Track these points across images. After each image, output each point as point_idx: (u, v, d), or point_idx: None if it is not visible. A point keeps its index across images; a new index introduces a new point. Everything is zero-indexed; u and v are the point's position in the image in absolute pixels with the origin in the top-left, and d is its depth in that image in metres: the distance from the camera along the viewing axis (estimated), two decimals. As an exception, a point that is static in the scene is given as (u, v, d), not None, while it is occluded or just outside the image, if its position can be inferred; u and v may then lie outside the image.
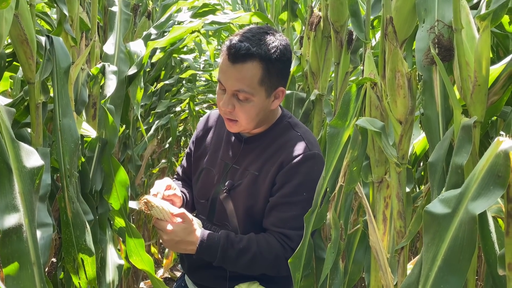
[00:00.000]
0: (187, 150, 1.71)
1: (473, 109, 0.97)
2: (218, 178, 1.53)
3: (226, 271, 1.48)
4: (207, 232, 1.42)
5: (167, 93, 3.96)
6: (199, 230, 1.41)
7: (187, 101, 4.46)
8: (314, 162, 1.42)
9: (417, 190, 2.54)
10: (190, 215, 1.42)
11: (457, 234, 0.80)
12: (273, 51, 1.36)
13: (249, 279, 1.48)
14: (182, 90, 4.49)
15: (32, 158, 1.02)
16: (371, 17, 1.75)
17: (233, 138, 1.55)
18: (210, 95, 5.29)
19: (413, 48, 1.69)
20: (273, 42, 1.37)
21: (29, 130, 1.71)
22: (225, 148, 1.55)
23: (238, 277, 1.47)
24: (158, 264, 3.87)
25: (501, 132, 0.79)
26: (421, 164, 2.65)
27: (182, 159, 1.77)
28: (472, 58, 0.97)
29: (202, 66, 5.51)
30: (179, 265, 1.77)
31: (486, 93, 0.97)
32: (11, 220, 0.94)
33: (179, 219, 1.39)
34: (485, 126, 1.30)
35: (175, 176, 1.78)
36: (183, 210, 1.41)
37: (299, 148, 1.43)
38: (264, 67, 1.35)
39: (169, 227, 1.37)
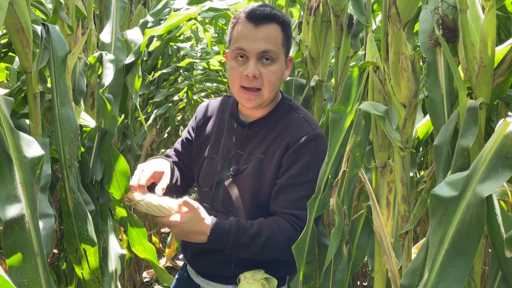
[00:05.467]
0: (184, 135, 1.67)
1: (478, 91, 0.96)
2: (221, 165, 1.51)
3: (231, 257, 1.46)
4: (216, 219, 1.38)
5: (164, 82, 3.93)
6: (208, 218, 1.37)
7: (184, 90, 4.44)
8: (318, 142, 1.44)
9: (417, 175, 2.54)
10: (195, 203, 1.37)
11: (464, 217, 0.79)
12: (286, 17, 1.44)
13: (253, 265, 1.47)
14: (179, 79, 4.46)
15: (32, 148, 1.01)
16: (371, 0, 1.73)
17: (235, 124, 1.54)
18: (208, 84, 5.26)
19: (414, 30, 1.67)
20: (281, 12, 1.45)
21: (27, 121, 1.69)
22: (228, 135, 1.54)
23: (242, 263, 1.46)
24: (159, 253, 3.88)
25: (509, 113, 0.78)
26: (421, 149, 2.64)
27: (177, 142, 1.71)
28: (477, 39, 0.96)
29: (199, 54, 5.46)
30: (181, 255, 1.73)
31: (492, 74, 0.95)
32: (13, 210, 0.92)
33: (184, 208, 1.36)
34: (490, 108, 1.29)
35: (166, 155, 1.69)
36: (185, 198, 1.37)
37: (303, 129, 1.45)
38: (283, 30, 1.42)
39: (174, 218, 1.34)
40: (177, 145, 1.69)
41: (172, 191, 1.49)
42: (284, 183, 1.41)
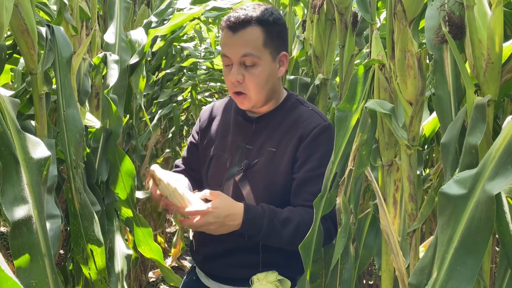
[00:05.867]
0: (189, 140, 1.69)
1: (486, 88, 0.95)
2: (231, 162, 1.50)
3: (243, 259, 1.45)
4: (245, 202, 1.37)
5: (168, 82, 3.94)
6: (238, 203, 1.36)
7: (189, 90, 4.44)
8: (331, 132, 1.44)
9: (423, 173, 2.53)
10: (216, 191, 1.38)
11: (473, 215, 0.79)
12: (268, 14, 1.42)
13: (265, 266, 1.45)
14: (183, 79, 4.46)
15: (39, 149, 1.01)
16: (376, -2, 1.72)
17: (242, 120, 1.54)
18: (212, 84, 5.26)
19: (419, 28, 1.66)
20: (265, 9, 1.44)
21: (33, 122, 1.70)
22: (235, 131, 1.53)
23: (254, 264, 1.45)
24: (165, 253, 3.88)
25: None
26: (426, 147, 2.63)
27: (184, 150, 1.74)
28: (484, 35, 0.95)
29: (202, 54, 5.46)
30: (188, 257, 1.73)
31: (499, 71, 0.94)
32: (20, 212, 0.93)
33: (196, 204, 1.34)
34: (498, 105, 1.28)
35: (174, 169, 1.72)
36: (207, 190, 1.38)
37: (315, 120, 1.46)
38: (264, 29, 1.40)
39: (205, 206, 1.31)
40: (184, 152, 1.71)
41: None
42: (304, 177, 1.42)
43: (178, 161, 1.73)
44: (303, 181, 1.42)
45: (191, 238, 1.53)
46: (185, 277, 1.72)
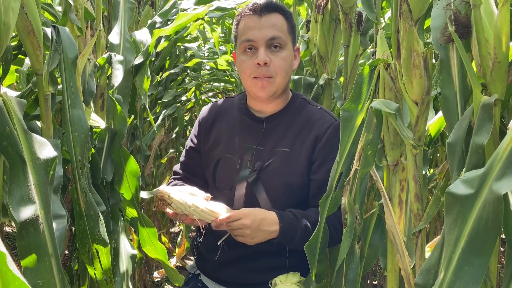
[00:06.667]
0: (187, 145, 1.64)
1: (493, 87, 0.95)
2: (240, 164, 1.47)
3: (260, 263, 1.43)
4: (276, 211, 1.36)
5: (172, 83, 3.94)
6: (269, 211, 1.35)
7: (192, 90, 4.44)
8: None
9: (428, 173, 2.52)
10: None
11: (481, 215, 0.78)
12: (286, 8, 1.49)
13: (281, 268, 1.43)
14: (187, 79, 4.46)
15: (45, 149, 1.01)
16: (380, -2, 1.72)
17: (249, 121, 1.52)
18: (215, 84, 5.26)
19: (424, 27, 1.65)
20: (281, 4, 1.53)
21: (38, 122, 1.70)
22: (243, 132, 1.51)
23: (282, 268, 1.43)
24: (169, 253, 3.89)
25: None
26: (430, 147, 2.62)
27: (181, 156, 1.69)
28: (491, 35, 0.94)
29: (206, 54, 5.47)
30: (189, 265, 1.69)
31: (506, 70, 0.94)
32: (27, 212, 0.93)
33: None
34: (505, 104, 1.27)
35: (173, 176, 1.69)
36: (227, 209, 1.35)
37: (327, 119, 1.48)
38: (286, 19, 1.46)
39: (240, 213, 1.30)
40: (182, 158, 1.66)
41: None
42: (325, 178, 1.39)
43: (176, 167, 1.69)
44: (322, 182, 1.40)
45: (196, 244, 1.51)
46: (184, 285, 1.65)
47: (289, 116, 1.49)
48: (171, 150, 4.16)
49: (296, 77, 2.34)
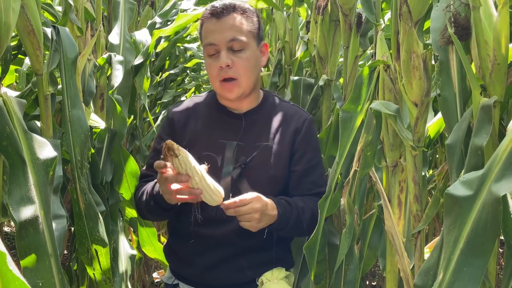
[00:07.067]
0: (155, 146, 1.55)
1: (492, 89, 0.95)
2: (222, 160, 1.46)
3: (243, 262, 1.43)
4: (270, 197, 1.38)
5: (172, 83, 3.94)
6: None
7: (192, 90, 4.45)
8: (314, 124, 1.62)
9: (427, 174, 2.52)
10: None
11: (480, 216, 0.79)
12: (246, 5, 1.49)
13: (267, 264, 1.45)
14: (186, 80, 4.47)
15: (45, 149, 1.02)
16: (380, -1, 1.72)
17: (227, 117, 1.52)
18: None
19: (424, 29, 1.65)
20: (243, 1, 1.51)
21: (38, 123, 1.70)
22: (222, 130, 1.50)
23: (254, 264, 1.45)
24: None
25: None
26: (429, 149, 2.62)
27: (148, 160, 1.60)
28: (490, 37, 0.95)
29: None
30: (166, 276, 1.62)
31: (505, 72, 0.94)
32: (27, 212, 0.93)
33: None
34: (504, 106, 1.28)
35: (142, 180, 1.58)
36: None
37: (302, 114, 1.56)
38: (245, 17, 1.46)
39: (248, 196, 1.30)
40: (151, 160, 1.54)
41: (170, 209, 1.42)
42: (305, 168, 1.49)
43: (144, 171, 1.59)
44: (303, 172, 1.48)
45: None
46: None
47: (266, 111, 1.54)
48: (171, 151, 4.16)
49: (296, 78, 2.34)
